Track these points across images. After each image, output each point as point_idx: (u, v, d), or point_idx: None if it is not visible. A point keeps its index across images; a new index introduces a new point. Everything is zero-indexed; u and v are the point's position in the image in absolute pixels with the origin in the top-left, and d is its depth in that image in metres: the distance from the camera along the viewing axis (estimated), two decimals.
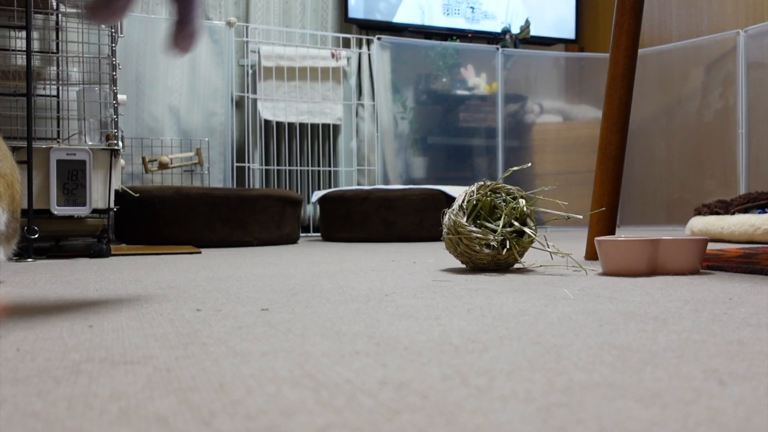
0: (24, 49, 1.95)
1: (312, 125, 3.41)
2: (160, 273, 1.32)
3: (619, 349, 0.55)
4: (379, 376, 0.47)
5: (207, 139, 3.25)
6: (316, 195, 2.98)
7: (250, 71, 3.35)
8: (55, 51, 2.41)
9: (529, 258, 1.51)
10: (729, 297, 0.86)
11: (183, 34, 0.85)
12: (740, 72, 3.33)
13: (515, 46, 3.89)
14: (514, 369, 0.48)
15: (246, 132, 3.34)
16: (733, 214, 2.41)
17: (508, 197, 1.28)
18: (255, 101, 3.32)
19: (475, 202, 1.27)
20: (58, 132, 2.32)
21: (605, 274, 1.19)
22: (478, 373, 0.47)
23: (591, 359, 0.51)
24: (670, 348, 0.55)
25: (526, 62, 3.85)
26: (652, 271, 1.17)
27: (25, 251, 1.76)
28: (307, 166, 3.44)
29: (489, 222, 1.26)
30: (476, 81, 3.74)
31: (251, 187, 3.29)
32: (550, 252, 1.28)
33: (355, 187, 3.24)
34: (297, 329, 0.65)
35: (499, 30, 3.96)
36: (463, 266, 1.35)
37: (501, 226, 1.23)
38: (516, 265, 1.36)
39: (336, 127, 3.50)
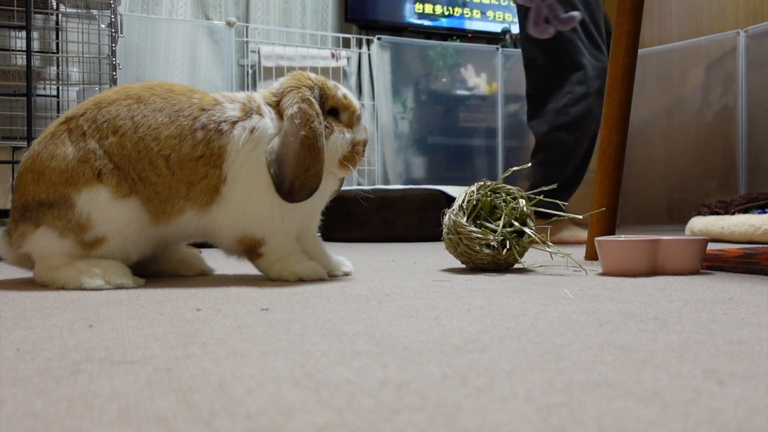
0: (24, 49, 1.94)
1: None
2: None
3: (619, 349, 0.55)
4: (379, 376, 0.47)
5: None
6: None
7: (250, 71, 3.35)
8: (55, 51, 2.41)
9: (529, 258, 1.51)
10: (729, 297, 0.86)
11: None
12: (740, 72, 3.33)
13: (515, 46, 3.89)
14: (514, 369, 0.48)
15: None
16: (733, 214, 2.41)
17: (508, 197, 1.28)
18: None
19: (475, 202, 1.27)
20: None
21: (605, 274, 1.19)
22: (478, 373, 0.47)
23: (591, 359, 0.51)
24: (670, 348, 0.55)
25: None
26: (652, 271, 1.17)
27: None
28: None
29: (489, 222, 1.26)
30: (476, 81, 3.74)
31: None
32: (550, 252, 1.28)
33: (355, 187, 3.24)
34: (297, 329, 0.65)
35: (499, 30, 3.96)
36: (463, 266, 1.35)
37: (501, 226, 1.23)
38: (516, 265, 1.36)
39: None
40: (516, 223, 1.25)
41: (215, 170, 1.07)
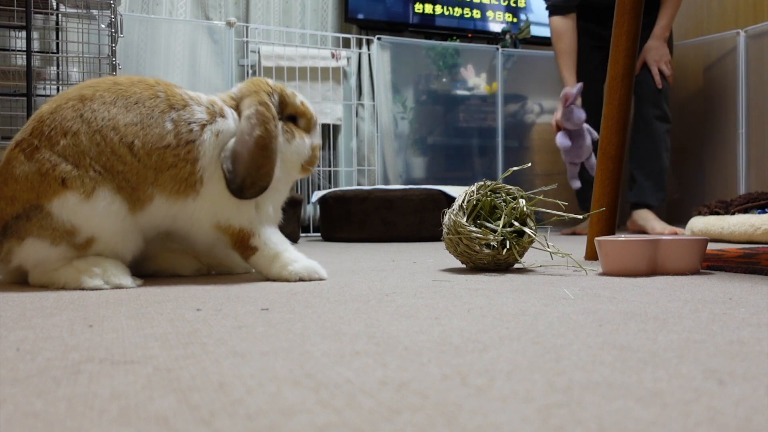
0: (24, 49, 1.94)
1: None
2: None
3: (619, 349, 0.55)
4: (379, 376, 0.47)
5: None
6: (316, 195, 2.98)
7: (250, 71, 3.35)
8: (55, 51, 2.41)
9: (529, 258, 1.51)
10: (729, 297, 0.86)
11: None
12: (740, 72, 3.33)
13: (515, 46, 3.89)
14: (514, 369, 0.48)
15: None
16: (733, 214, 2.41)
17: (508, 197, 1.28)
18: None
19: (475, 202, 1.27)
20: None
21: (605, 274, 1.19)
22: (478, 373, 0.47)
23: (591, 359, 0.51)
24: (670, 348, 0.55)
25: (526, 62, 3.85)
26: (652, 271, 1.17)
27: None
28: None
29: (489, 222, 1.26)
30: (476, 81, 3.74)
31: None
32: (550, 252, 1.28)
33: (355, 187, 3.24)
34: (297, 329, 0.65)
35: (499, 30, 3.96)
36: (463, 266, 1.35)
37: (501, 226, 1.23)
38: (516, 265, 1.36)
39: (336, 127, 3.50)
40: (516, 223, 1.25)
41: (186, 165, 1.09)
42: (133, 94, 1.10)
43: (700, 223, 2.48)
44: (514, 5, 4.01)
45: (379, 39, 3.49)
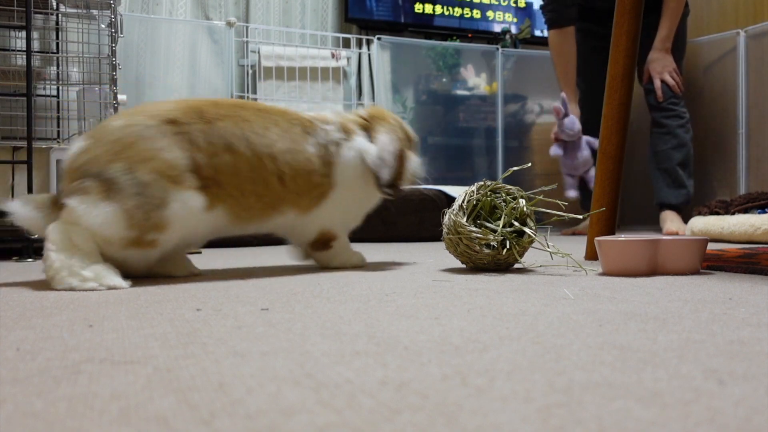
0: (24, 49, 1.94)
1: None
2: None
3: (619, 349, 0.55)
4: (380, 376, 0.47)
5: None
6: None
7: (250, 71, 3.34)
8: (55, 51, 2.41)
9: (529, 258, 1.51)
10: (729, 297, 0.86)
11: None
12: (740, 72, 3.33)
13: (515, 46, 3.88)
14: (514, 369, 0.48)
15: None
16: (733, 214, 2.41)
17: (508, 197, 1.28)
18: (255, 101, 3.32)
19: (475, 202, 1.27)
20: (58, 132, 2.31)
21: (605, 274, 1.19)
22: (478, 373, 0.47)
23: (591, 359, 0.51)
24: (670, 348, 0.55)
25: (526, 62, 3.85)
26: (652, 271, 1.17)
27: (25, 251, 1.76)
28: None
29: (489, 222, 1.26)
30: (476, 81, 3.74)
31: None
32: (550, 252, 1.28)
33: None
34: (297, 329, 0.65)
35: (499, 30, 3.96)
36: (463, 266, 1.35)
37: (501, 226, 1.23)
38: (516, 265, 1.36)
39: None
40: (516, 223, 1.25)
41: (326, 179, 1.24)
42: (277, 122, 1.17)
43: (700, 223, 2.48)
44: (514, 5, 4.01)
45: (379, 39, 3.49)
